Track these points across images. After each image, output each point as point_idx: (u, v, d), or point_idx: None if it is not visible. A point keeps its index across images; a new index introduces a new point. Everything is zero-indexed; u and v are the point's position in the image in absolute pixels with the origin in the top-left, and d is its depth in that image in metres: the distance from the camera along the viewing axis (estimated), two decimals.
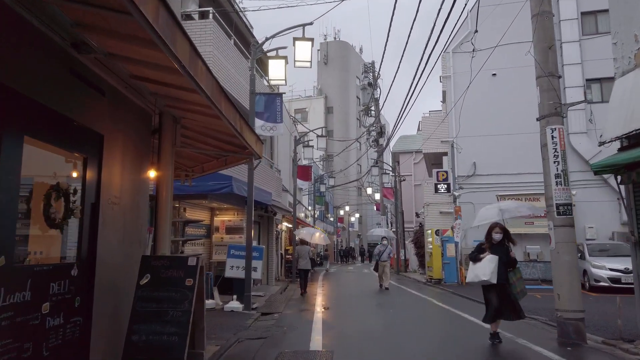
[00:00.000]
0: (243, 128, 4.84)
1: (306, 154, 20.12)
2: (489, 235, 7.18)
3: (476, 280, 6.83)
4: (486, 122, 20.56)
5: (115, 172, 4.51)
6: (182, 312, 4.29)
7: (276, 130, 10.76)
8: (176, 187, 10.92)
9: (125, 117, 4.70)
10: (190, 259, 4.69)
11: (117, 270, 4.56)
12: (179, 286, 4.45)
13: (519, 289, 7.02)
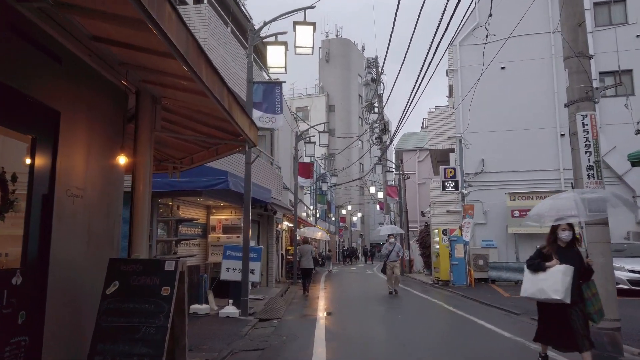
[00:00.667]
0: (233, 107, 4.06)
1: (308, 150, 19.34)
2: (552, 236, 5.46)
3: (541, 296, 5.16)
4: (495, 117, 19.77)
5: (77, 159, 3.74)
6: (157, 328, 3.51)
7: (275, 121, 9.99)
8: (168, 183, 10.17)
9: (91, 94, 3.92)
10: (167, 262, 3.91)
11: (80, 278, 3.79)
12: (154, 296, 3.67)
13: (595, 308, 5.22)
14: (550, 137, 19.29)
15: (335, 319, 9.54)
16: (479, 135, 19.26)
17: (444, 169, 17.72)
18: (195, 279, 9.76)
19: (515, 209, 18.58)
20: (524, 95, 19.69)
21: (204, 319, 8.99)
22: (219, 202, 12.04)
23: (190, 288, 9.57)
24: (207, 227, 13.10)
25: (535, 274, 5.27)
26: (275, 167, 18.43)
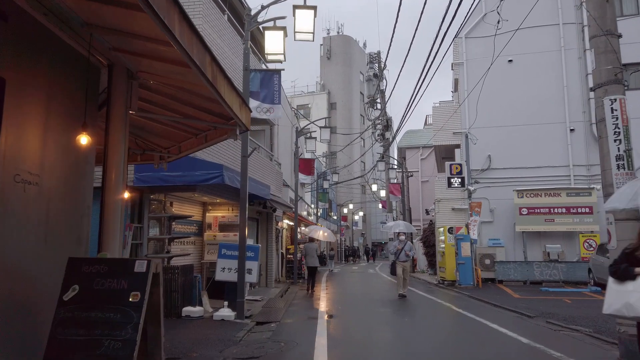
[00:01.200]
0: (218, 79, 3.44)
1: (308, 146, 18.72)
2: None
3: (629, 314, 4.04)
4: (502, 112, 19.12)
5: (29, 138, 3.13)
6: (123, 342, 2.91)
7: (274, 112, 9.37)
8: (160, 177, 9.54)
9: (50, 62, 3.31)
10: (138, 263, 3.29)
11: (35, 282, 3.17)
12: (120, 303, 3.06)
13: None
14: (559, 133, 18.64)
15: (338, 322, 8.92)
16: (485, 131, 18.61)
17: (450, 165, 17.09)
18: (189, 279, 9.15)
19: (523, 207, 17.95)
20: (532, 89, 19.04)
21: (196, 322, 8.38)
22: (215, 199, 11.43)
23: (183, 289, 8.96)
24: (203, 224, 12.51)
25: (621, 284, 4.09)
26: (275, 163, 17.82)
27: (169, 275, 8.85)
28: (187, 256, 10.85)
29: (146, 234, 9.63)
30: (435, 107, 20.34)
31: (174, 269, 8.89)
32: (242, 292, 8.81)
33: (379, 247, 65.33)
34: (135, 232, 9.57)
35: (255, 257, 9.47)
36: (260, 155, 15.03)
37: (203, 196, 10.89)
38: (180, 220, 11.17)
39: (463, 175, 17.00)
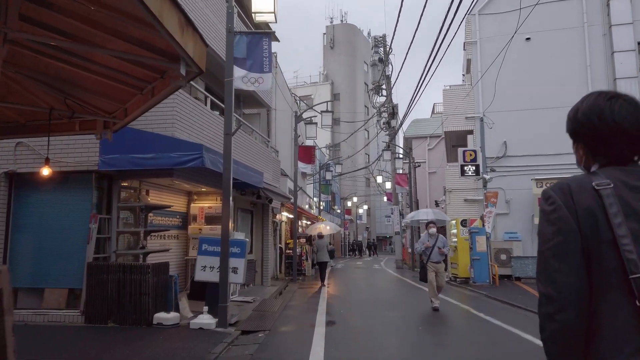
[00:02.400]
0: None
1: (309, 132, 17.26)
2: None
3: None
4: (519, 94, 17.59)
5: None
6: None
7: (263, 82, 7.92)
8: (130, 160, 8.05)
9: None
10: None
11: None
12: None
13: None
14: None
15: (339, 331, 7.51)
16: (500, 115, 17.08)
17: (464, 152, 15.61)
18: (162, 279, 7.75)
19: None
20: (551, 70, 17.49)
21: (168, 331, 6.98)
22: (198, 186, 10.03)
23: (155, 291, 7.56)
24: (188, 216, 11.12)
25: None
26: (272, 150, 16.40)
27: (138, 276, 7.45)
28: (166, 252, 9.47)
29: (114, 227, 8.25)
30: (446, 90, 18.83)
31: (144, 267, 7.49)
32: (225, 295, 7.41)
33: (384, 241, 63.98)
34: (102, 225, 8.20)
35: (241, 253, 8.06)
36: (256, 141, 13.61)
37: (184, 183, 9.48)
38: (159, 211, 9.78)
39: (477, 162, 15.52)
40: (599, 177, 1.25)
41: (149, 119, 8.62)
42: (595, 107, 1.32)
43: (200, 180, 9.39)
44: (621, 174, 1.25)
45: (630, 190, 1.22)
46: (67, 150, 8.09)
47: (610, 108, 1.30)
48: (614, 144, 1.29)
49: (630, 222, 1.18)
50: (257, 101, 14.71)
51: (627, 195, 1.21)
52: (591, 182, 1.24)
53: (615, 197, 1.21)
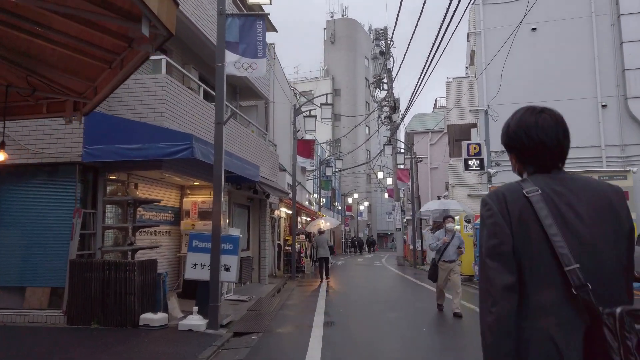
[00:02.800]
0: None
1: (308, 126, 16.76)
2: None
3: None
4: (524, 86, 17.09)
5: None
6: None
7: (257, 68, 7.43)
8: (115, 151, 7.51)
9: None
10: None
11: None
12: None
13: None
14: (589, 109, 16.62)
15: (338, 333, 7.05)
16: (505, 108, 16.51)
17: (467, 145, 15.12)
18: (150, 278, 7.28)
19: None
20: (558, 61, 17.00)
21: (154, 334, 6.52)
22: (190, 180, 9.55)
23: (142, 291, 7.10)
24: (180, 211, 10.65)
25: None
26: (270, 144, 15.92)
27: (123, 274, 6.98)
28: (156, 249, 8.99)
29: (99, 222, 7.77)
30: (449, 82, 18.32)
31: (129, 265, 7.02)
32: (216, 294, 6.94)
33: (385, 238, 63.49)
34: (87, 220, 7.73)
35: (234, 250, 7.59)
36: (252, 133, 13.11)
37: (174, 176, 9.00)
38: (149, 206, 9.30)
39: (482, 156, 15.02)
40: (529, 184, 1.41)
41: (137, 107, 8.16)
42: (523, 123, 1.49)
43: (191, 173, 8.92)
44: (547, 180, 1.42)
45: (555, 194, 1.39)
46: (49, 140, 7.61)
47: (535, 123, 1.46)
48: (539, 154, 1.46)
49: (559, 222, 1.34)
50: (254, 92, 14.22)
51: (554, 199, 1.37)
52: (522, 190, 1.40)
53: (543, 202, 1.36)
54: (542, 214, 1.35)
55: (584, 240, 1.34)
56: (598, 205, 1.39)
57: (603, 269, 1.33)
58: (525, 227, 1.36)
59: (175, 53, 10.86)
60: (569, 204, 1.38)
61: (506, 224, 1.38)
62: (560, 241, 1.32)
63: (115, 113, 8.02)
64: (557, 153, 1.46)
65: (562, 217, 1.36)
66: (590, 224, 1.36)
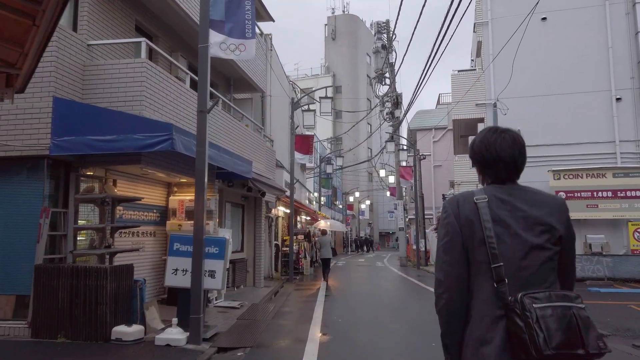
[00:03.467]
0: None
1: (307, 120, 15.96)
2: None
3: None
4: (534, 79, 16.26)
5: None
6: None
7: (245, 50, 6.63)
8: (86, 143, 6.68)
9: None
10: None
11: None
12: None
13: None
14: (603, 102, 15.76)
15: (335, 349, 6.25)
16: (514, 102, 15.73)
17: None
18: (125, 285, 6.49)
19: (560, 190, 15.13)
20: (569, 52, 16.14)
21: (127, 350, 5.72)
22: (176, 176, 8.74)
23: (115, 300, 6.30)
24: (167, 211, 9.86)
25: None
26: (266, 140, 15.13)
27: (93, 281, 6.19)
28: (137, 252, 8.21)
29: (71, 223, 6.99)
30: (455, 75, 17.49)
31: (101, 271, 6.23)
32: (198, 304, 6.14)
33: (387, 237, 62.64)
34: (58, 221, 6.95)
35: (219, 254, 6.79)
36: (247, 128, 12.31)
37: (157, 172, 8.20)
38: (131, 205, 8.52)
39: None
40: (480, 193, 1.69)
41: (114, 96, 7.37)
42: (485, 141, 1.75)
43: (175, 169, 8.12)
44: (497, 191, 1.69)
45: (500, 202, 1.65)
46: (14, 131, 6.81)
47: (495, 141, 1.72)
48: (496, 169, 1.72)
49: (497, 226, 1.61)
50: (249, 84, 13.42)
51: (497, 206, 1.64)
52: (473, 197, 1.68)
53: (487, 208, 1.63)
54: (484, 217, 1.62)
55: (515, 242, 1.59)
56: (537, 214, 1.62)
57: (528, 267, 1.57)
58: (471, 228, 1.64)
59: (161, 39, 10.07)
60: (511, 211, 1.63)
61: (457, 224, 1.66)
62: (493, 242, 1.59)
63: (90, 102, 7.24)
64: (512, 168, 1.70)
65: (501, 222, 1.61)
66: (526, 229, 1.60)
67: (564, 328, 1.44)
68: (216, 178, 9.96)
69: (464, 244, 1.64)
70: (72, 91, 7.20)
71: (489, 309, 1.57)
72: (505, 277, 1.55)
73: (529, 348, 1.43)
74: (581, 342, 1.44)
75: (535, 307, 1.47)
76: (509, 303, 1.52)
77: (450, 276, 1.65)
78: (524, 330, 1.45)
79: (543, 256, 1.58)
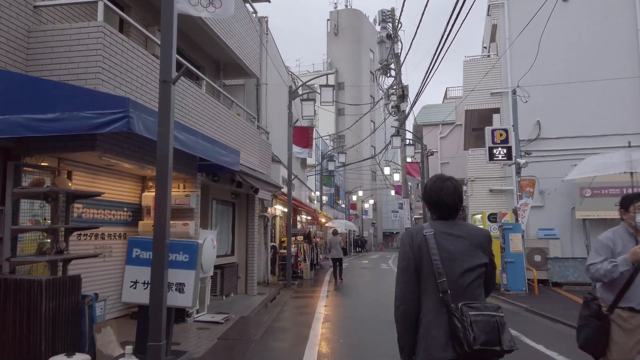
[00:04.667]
0: None
1: (306, 111, 14.59)
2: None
3: None
4: (555, 65, 14.85)
5: None
6: None
7: (221, 7, 5.23)
8: (24, 123, 4.97)
9: None
10: None
11: None
12: None
13: None
14: (630, 90, 14.35)
15: None
16: (532, 90, 14.25)
17: (493, 132, 12.87)
18: (67, 302, 5.10)
19: (585, 187, 13.72)
20: (594, 36, 14.73)
21: None
22: (148, 167, 7.36)
23: (53, 322, 4.93)
24: (141, 209, 8.51)
25: None
26: (261, 131, 13.77)
27: (25, 297, 4.82)
28: (96, 257, 6.84)
29: (9, 223, 5.62)
30: (467, 61, 16.07)
31: (35, 285, 4.86)
32: (159, 327, 4.76)
33: (390, 237, 61.18)
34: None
35: (190, 262, 5.41)
36: (239, 118, 10.92)
37: (120, 162, 6.82)
38: (95, 203, 7.17)
39: (509, 144, 12.76)
40: (428, 227, 2.26)
41: (64, 67, 6.00)
42: (435, 187, 2.32)
43: (145, 158, 6.75)
44: (441, 225, 2.27)
45: (443, 234, 2.22)
46: None
47: (441, 189, 2.29)
48: (441, 210, 2.30)
49: (441, 252, 2.17)
50: (241, 69, 12.05)
51: (441, 237, 2.21)
52: (423, 230, 2.26)
53: (433, 239, 2.20)
54: (431, 246, 2.20)
55: (454, 264, 2.17)
56: (469, 242, 2.22)
57: (464, 282, 2.16)
58: (421, 254, 2.22)
59: (135, 11, 8.70)
60: (450, 241, 2.21)
61: (412, 252, 2.25)
62: (438, 264, 2.16)
63: (36, 75, 5.89)
64: (452, 209, 2.29)
65: (443, 249, 2.19)
66: (461, 254, 2.19)
67: (488, 331, 2.02)
68: (199, 171, 8.61)
69: (416, 268, 2.22)
70: (13, 61, 5.85)
71: (437, 313, 2.14)
72: (448, 289, 2.13)
73: (463, 343, 2.01)
74: (499, 341, 2.03)
75: (470, 314, 2.04)
76: (452, 309, 2.09)
77: (406, 292, 2.23)
78: (461, 330, 2.03)
79: (474, 275, 2.18)
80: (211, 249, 8.20)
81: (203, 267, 7.97)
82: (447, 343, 2.05)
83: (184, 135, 6.10)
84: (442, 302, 2.11)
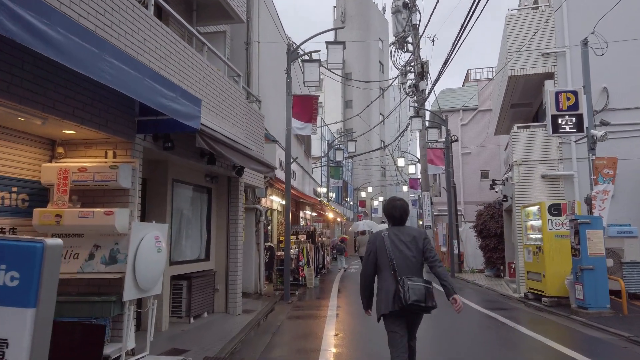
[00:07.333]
0: None
1: (309, 76, 11.48)
2: None
3: None
4: (623, 17, 11.63)
5: None
6: None
7: None
8: None
9: None
10: None
11: None
12: None
13: None
14: None
15: None
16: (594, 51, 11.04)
17: (557, 94, 9.68)
18: None
19: None
20: None
21: None
22: (42, 115, 4.22)
23: None
24: (50, 191, 5.40)
25: None
26: (252, 100, 10.69)
27: None
28: None
29: None
30: (510, 16, 12.86)
31: None
32: None
33: None
34: None
35: (22, 290, 2.27)
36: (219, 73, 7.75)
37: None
38: None
39: (579, 110, 9.55)
40: (385, 231, 3.80)
41: None
42: (389, 206, 3.89)
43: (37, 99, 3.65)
44: (393, 230, 3.81)
45: (394, 235, 3.74)
46: None
47: (393, 208, 3.85)
48: (393, 219, 3.85)
49: (392, 245, 3.67)
50: (221, 9, 8.95)
51: (393, 236, 3.74)
52: (381, 233, 3.81)
53: (388, 238, 3.71)
54: (386, 242, 3.66)
55: (401, 252, 3.64)
56: (410, 238, 3.70)
57: (407, 263, 3.61)
58: (380, 247, 3.69)
59: None
60: (398, 238, 3.69)
61: (374, 247, 3.75)
62: (390, 252, 3.62)
63: None
64: (399, 220, 3.81)
65: (394, 243, 3.66)
66: (405, 245, 3.66)
67: (418, 294, 3.44)
68: (139, 131, 5.52)
69: (376, 257, 3.73)
70: None
71: (389, 283, 3.59)
72: (396, 268, 3.56)
73: (401, 299, 3.44)
74: (424, 301, 3.46)
75: (408, 283, 3.48)
76: (399, 280, 3.51)
77: (366, 271, 3.82)
78: (401, 292, 3.45)
79: (413, 260, 3.64)
80: (154, 254, 5.11)
81: (140, 283, 4.92)
82: (394, 301, 3.53)
83: (89, 49, 3.03)
84: (393, 276, 3.57)
